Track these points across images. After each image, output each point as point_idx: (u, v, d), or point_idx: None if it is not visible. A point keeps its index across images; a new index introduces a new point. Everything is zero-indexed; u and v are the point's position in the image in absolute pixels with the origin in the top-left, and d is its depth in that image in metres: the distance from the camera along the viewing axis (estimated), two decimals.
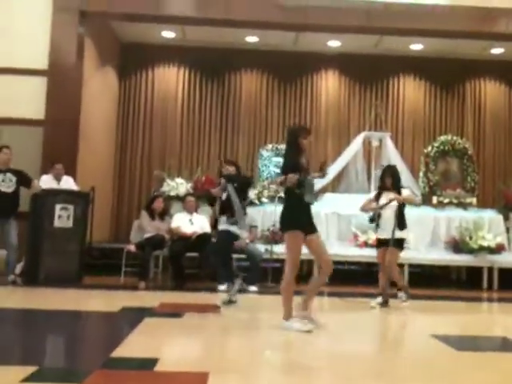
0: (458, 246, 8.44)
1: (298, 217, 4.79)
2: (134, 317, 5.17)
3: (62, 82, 8.52)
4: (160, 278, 6.44)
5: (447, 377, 3.57)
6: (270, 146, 10.19)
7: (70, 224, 7.33)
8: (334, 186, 10.33)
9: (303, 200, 4.67)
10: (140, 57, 10.85)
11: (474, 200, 9.52)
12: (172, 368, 3.58)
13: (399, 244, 6.16)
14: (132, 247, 7.54)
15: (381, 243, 6.29)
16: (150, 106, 10.96)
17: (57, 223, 7.27)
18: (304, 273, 8.94)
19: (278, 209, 8.49)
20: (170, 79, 11.05)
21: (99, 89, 9.75)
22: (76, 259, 7.35)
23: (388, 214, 6.16)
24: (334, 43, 10.50)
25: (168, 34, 10.35)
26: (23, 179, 7.23)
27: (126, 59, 10.85)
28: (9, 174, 7.16)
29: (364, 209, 6.50)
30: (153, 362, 3.59)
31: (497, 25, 8.90)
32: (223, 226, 7.07)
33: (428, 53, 10.77)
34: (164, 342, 4.42)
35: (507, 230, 9.01)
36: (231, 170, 7.06)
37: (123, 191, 10.79)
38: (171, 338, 4.61)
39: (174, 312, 5.32)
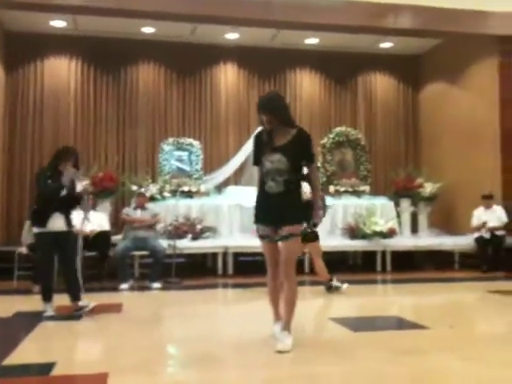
0: (353, 232, 8.85)
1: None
2: (28, 321, 4.92)
3: None
4: (56, 280, 6.12)
5: (343, 356, 3.73)
6: (170, 140, 10.05)
7: None
8: (237, 178, 10.42)
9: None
10: (28, 47, 10.23)
11: (368, 188, 10.03)
12: (70, 371, 3.47)
13: None
14: (24, 249, 7.13)
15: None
16: (39, 99, 10.37)
17: None
18: None
19: (180, 203, 8.51)
20: (62, 71, 10.53)
21: None
22: None
23: None
24: (232, 35, 10.54)
25: (58, 23, 9.84)
26: None
27: (12, 49, 10.15)
28: None
29: None
30: (49, 366, 3.47)
31: (385, 20, 9.35)
32: None
33: (323, 47, 11.12)
34: (61, 346, 4.23)
35: (398, 215, 9.59)
36: None
37: (13, 190, 10.14)
38: (69, 340, 4.44)
39: (72, 314, 5.11)
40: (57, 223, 5.11)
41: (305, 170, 4.03)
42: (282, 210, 3.87)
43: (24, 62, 10.37)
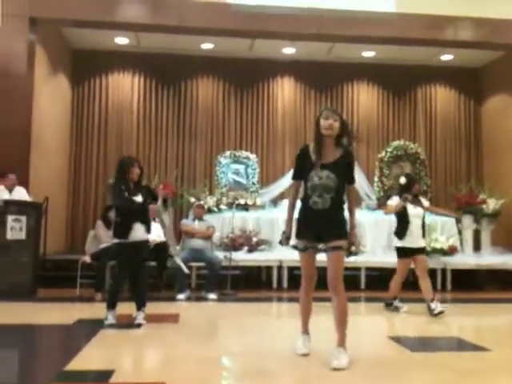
0: None
1: None
2: (89, 329, 5.08)
3: (13, 91, 8.31)
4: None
5: (399, 376, 3.65)
6: (227, 153, 10.20)
7: (22, 236, 7.15)
8: None
9: None
10: (93, 64, 10.71)
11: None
12: (128, 379, 3.55)
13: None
14: (87, 258, 7.41)
15: (410, 252, 6.30)
16: (104, 113, 10.82)
17: (9, 235, 7.08)
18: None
19: (237, 215, 8.59)
20: (125, 86, 10.94)
21: (51, 97, 9.56)
22: (30, 272, 7.18)
23: (417, 223, 6.30)
24: (289, 50, 10.64)
25: (121, 40, 10.26)
26: None
27: (78, 66, 10.68)
28: None
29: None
30: (108, 373, 3.55)
31: (445, 32, 9.19)
32: None
33: (380, 60, 11.02)
34: (120, 354, 4.35)
35: (459, 232, 9.28)
36: None
37: (78, 201, 10.59)
38: (128, 349, 4.55)
39: (131, 323, 5.25)
40: (138, 233, 5.25)
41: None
42: (328, 225, 3.90)
43: (89, 77, 10.85)
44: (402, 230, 6.31)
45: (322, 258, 4.04)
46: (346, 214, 4.04)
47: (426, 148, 11.13)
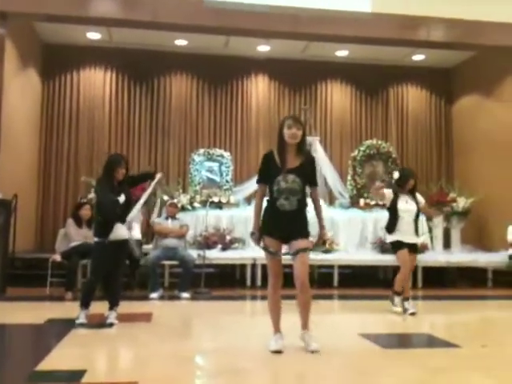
0: (383, 246, 8.72)
1: None
2: (60, 328, 4.99)
3: None
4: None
5: (371, 373, 3.68)
6: (201, 151, 10.14)
7: None
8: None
9: None
10: (65, 59, 10.55)
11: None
12: (100, 379, 3.51)
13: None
14: (57, 257, 7.28)
15: (404, 246, 6.20)
16: (75, 109, 10.65)
17: None
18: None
19: (210, 213, 8.55)
20: (97, 82, 10.79)
21: (21, 91, 9.36)
22: None
23: (409, 219, 6.20)
24: (264, 48, 10.65)
25: (93, 35, 10.12)
26: None
27: (49, 61, 10.50)
28: None
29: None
30: (80, 373, 3.50)
31: (418, 32, 9.30)
32: None
33: (353, 59, 11.11)
34: (92, 353, 4.29)
35: (430, 229, 9.42)
36: None
37: (48, 198, 10.40)
38: (100, 348, 4.49)
39: (103, 322, 5.18)
40: (119, 232, 5.16)
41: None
42: (296, 225, 4.12)
43: (60, 72, 10.67)
44: (390, 225, 6.27)
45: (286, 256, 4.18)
46: (309, 214, 4.22)
47: (397, 147, 11.27)
